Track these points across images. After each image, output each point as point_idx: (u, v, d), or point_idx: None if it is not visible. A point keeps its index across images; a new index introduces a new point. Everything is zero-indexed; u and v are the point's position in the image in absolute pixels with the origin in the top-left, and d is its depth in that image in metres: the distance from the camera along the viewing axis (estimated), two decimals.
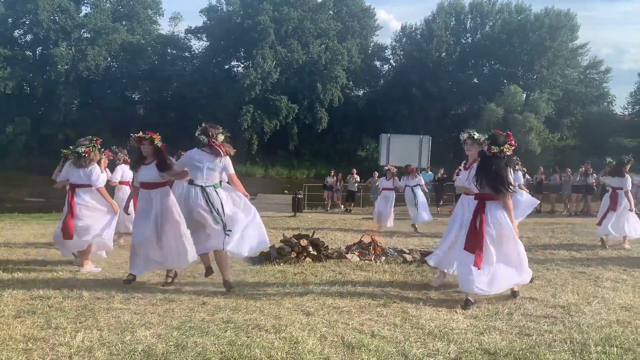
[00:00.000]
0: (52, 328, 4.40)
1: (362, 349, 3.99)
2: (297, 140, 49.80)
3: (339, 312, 5.10)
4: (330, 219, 16.67)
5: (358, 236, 10.19)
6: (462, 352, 3.98)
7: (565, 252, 9.41)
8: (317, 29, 49.95)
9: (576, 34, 50.14)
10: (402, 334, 4.42)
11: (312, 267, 7.62)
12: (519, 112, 44.35)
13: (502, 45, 50.01)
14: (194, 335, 4.23)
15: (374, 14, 55.72)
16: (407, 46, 53.87)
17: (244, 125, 46.15)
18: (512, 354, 3.95)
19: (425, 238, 11.91)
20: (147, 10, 53.77)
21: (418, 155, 16.37)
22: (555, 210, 19.16)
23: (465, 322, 4.87)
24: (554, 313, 5.18)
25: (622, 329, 4.62)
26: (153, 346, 3.95)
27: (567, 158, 40.59)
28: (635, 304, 5.55)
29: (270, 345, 4.01)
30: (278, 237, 9.19)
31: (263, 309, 5.14)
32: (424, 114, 49.44)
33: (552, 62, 49.08)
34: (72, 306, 5.14)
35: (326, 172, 23.77)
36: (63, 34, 48.21)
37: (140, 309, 5.08)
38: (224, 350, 3.90)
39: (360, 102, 54.32)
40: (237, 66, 53.70)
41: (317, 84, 48.42)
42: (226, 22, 50.69)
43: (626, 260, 8.54)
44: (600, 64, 52.24)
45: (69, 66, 48.02)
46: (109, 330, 4.34)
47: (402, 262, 8.07)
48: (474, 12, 52.75)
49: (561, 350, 4.05)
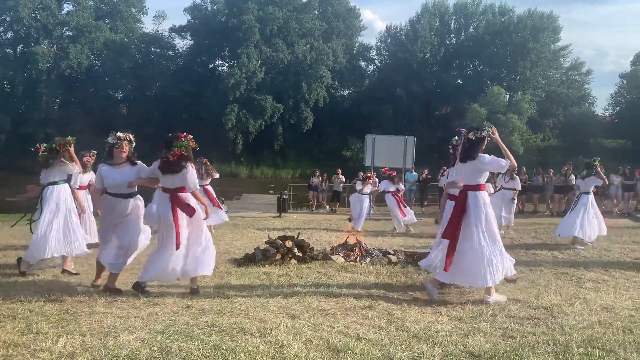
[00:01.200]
0: (33, 333, 4.33)
1: (347, 352, 3.98)
2: (282, 140, 49.72)
3: (324, 314, 5.09)
4: (316, 219, 16.67)
5: (343, 237, 10.21)
6: (447, 355, 3.99)
7: (548, 252, 9.51)
8: (302, 29, 49.89)
9: (558, 36, 50.71)
10: (387, 337, 4.42)
11: (297, 268, 7.60)
12: (502, 112, 44.76)
13: (485, 47, 50.43)
14: (178, 339, 4.18)
15: (359, 14, 55.82)
16: (392, 47, 54.06)
17: (228, 124, 45.97)
18: (496, 356, 3.97)
19: (409, 238, 11.96)
20: (131, 9, 53.26)
21: (403, 155, 16.44)
22: (537, 211, 19.35)
23: (450, 324, 4.89)
24: (537, 314, 5.23)
25: (603, 330, 4.68)
26: (137, 351, 3.90)
27: (549, 158, 41.10)
28: (616, 305, 5.62)
29: (256, 350, 3.98)
30: (263, 239, 9.18)
31: (248, 312, 5.11)
32: (409, 114, 49.70)
33: (535, 63, 49.60)
34: (54, 310, 5.07)
35: (311, 172, 23.75)
36: (44, 31, 47.52)
37: (123, 312, 5.02)
38: (209, 354, 3.87)
39: (345, 102, 54.39)
40: (222, 65, 53.46)
41: (302, 84, 48.37)
42: (210, 21, 50.40)
43: (607, 261, 8.65)
44: (582, 65, 52.94)
45: (51, 64, 47.39)
46: (91, 335, 4.28)
47: (387, 263, 8.09)
48: (458, 13, 53.08)
49: (544, 353, 4.08)
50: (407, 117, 49.56)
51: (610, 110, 52.19)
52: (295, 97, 48.96)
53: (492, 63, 51.40)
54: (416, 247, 10.07)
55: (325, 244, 10.35)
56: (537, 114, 48.77)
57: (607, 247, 10.11)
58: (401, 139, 17.18)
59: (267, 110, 47.54)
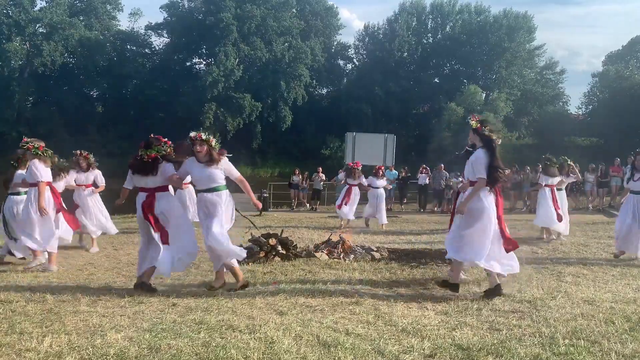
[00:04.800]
0: (16, 333, 4.24)
1: (338, 347, 3.99)
2: (261, 138, 49.54)
3: (312, 310, 5.09)
4: (297, 217, 16.66)
5: (325, 234, 10.22)
6: (437, 348, 4.03)
7: (527, 247, 9.64)
8: (280, 27, 49.74)
9: (533, 36, 51.58)
10: (376, 332, 4.44)
11: (281, 266, 7.60)
12: (479, 111, 45.18)
13: (462, 46, 50.99)
14: (167, 337, 4.14)
15: (337, 12, 55.99)
16: (370, 45, 54.33)
17: (206, 123, 45.54)
18: (485, 348, 4.02)
19: (390, 235, 12.04)
20: (106, 6, 52.50)
21: (383, 153, 16.51)
22: (514, 207, 19.65)
23: (437, 318, 4.93)
24: (521, 308, 5.31)
25: (587, 322, 4.77)
26: (125, 349, 3.85)
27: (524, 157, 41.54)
28: (597, 298, 5.74)
29: (246, 346, 3.96)
30: (245, 237, 9.12)
31: (235, 309, 5.08)
32: (387, 112, 49.98)
33: (511, 62, 50.35)
34: (37, 310, 4.97)
35: (290, 171, 23.72)
36: (17, 28, 46.40)
37: (108, 311, 4.95)
38: (199, 351, 3.84)
39: (323, 101, 54.48)
40: (199, 63, 53.08)
41: (280, 82, 48.26)
42: (187, 18, 49.96)
43: (585, 256, 8.83)
44: (556, 65, 53.96)
45: (23, 62, 46.47)
46: (77, 334, 4.21)
47: (371, 260, 8.13)
48: (434, 13, 53.57)
49: (531, 344, 4.14)
50: (385, 115, 49.84)
51: (583, 109, 53.32)
52: (274, 95, 48.84)
53: (469, 62, 52.01)
54: (397, 244, 10.15)
55: (307, 241, 10.35)
56: (513, 112, 49.49)
57: (585, 243, 10.31)
58: (381, 137, 17.25)
59: (245, 108, 47.34)
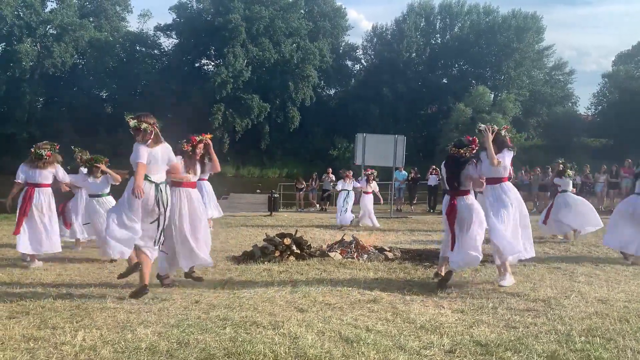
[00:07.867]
0: (49, 328, 4.40)
1: (360, 342, 4.12)
2: (269, 139, 49.74)
3: (332, 308, 5.22)
4: (307, 217, 16.79)
5: (337, 234, 10.34)
6: (456, 344, 4.15)
7: (539, 248, 9.71)
8: (289, 28, 49.94)
9: (542, 36, 51.43)
10: (395, 328, 4.57)
11: (296, 265, 7.72)
12: (487, 112, 45.27)
13: (470, 46, 50.96)
14: (194, 332, 4.29)
15: (345, 13, 56.10)
16: (378, 46, 54.40)
17: (215, 124, 45.90)
18: (503, 345, 4.14)
19: (401, 235, 12.12)
20: (115, 7, 52.92)
21: (393, 154, 16.58)
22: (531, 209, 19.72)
23: (454, 316, 5.05)
24: (535, 306, 5.41)
25: (601, 320, 4.88)
26: (156, 343, 4.00)
27: (533, 158, 41.53)
28: (610, 297, 5.83)
29: (272, 341, 4.10)
30: (258, 237, 9.27)
31: (257, 306, 5.22)
32: (395, 113, 50.05)
33: (519, 63, 50.26)
34: (65, 306, 5.13)
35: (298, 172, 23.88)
36: (28, 30, 46.87)
37: (134, 308, 5.10)
38: (227, 346, 3.98)
39: (331, 102, 54.60)
40: (208, 64, 53.32)
41: (288, 83, 48.45)
42: (196, 19, 50.24)
43: (597, 257, 8.91)
44: (565, 65, 53.78)
45: (34, 63, 46.88)
46: (108, 329, 4.37)
47: (384, 260, 8.24)
48: (443, 13, 53.59)
49: (547, 341, 4.26)
50: (393, 116, 49.92)
51: (592, 110, 53.11)
52: (282, 96, 49.04)
53: (477, 63, 51.98)
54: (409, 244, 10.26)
55: (320, 241, 10.46)
56: (522, 113, 49.42)
57: (596, 243, 10.37)
58: (391, 138, 17.26)
59: (253, 109, 47.56)
